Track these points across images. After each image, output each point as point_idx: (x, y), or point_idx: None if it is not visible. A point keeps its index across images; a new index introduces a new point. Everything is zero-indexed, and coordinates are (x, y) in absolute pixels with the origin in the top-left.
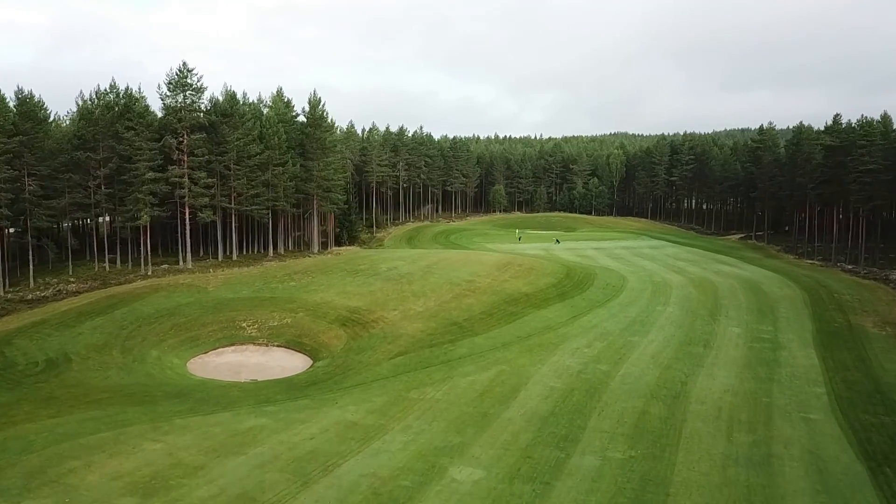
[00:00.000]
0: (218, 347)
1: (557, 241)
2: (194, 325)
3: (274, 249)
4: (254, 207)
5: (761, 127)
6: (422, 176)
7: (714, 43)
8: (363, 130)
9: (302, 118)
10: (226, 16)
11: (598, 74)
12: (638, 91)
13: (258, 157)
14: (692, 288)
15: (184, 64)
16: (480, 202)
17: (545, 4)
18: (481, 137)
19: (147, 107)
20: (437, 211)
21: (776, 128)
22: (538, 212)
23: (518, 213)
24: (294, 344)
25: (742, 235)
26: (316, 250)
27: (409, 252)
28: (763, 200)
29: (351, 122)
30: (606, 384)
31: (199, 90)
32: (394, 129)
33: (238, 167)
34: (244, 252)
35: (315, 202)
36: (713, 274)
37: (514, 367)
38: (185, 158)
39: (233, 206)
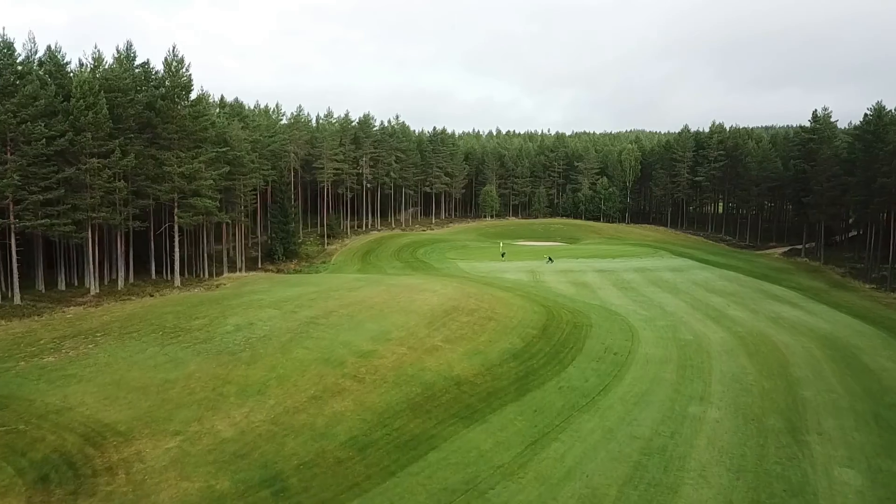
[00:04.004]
0: None
1: (550, 259)
2: None
3: (102, 283)
4: (45, 221)
5: (815, 114)
6: (392, 174)
7: (742, 40)
8: (317, 118)
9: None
10: (249, 16)
11: (621, 74)
12: (662, 91)
13: (54, 142)
14: (744, 357)
15: None
16: (470, 206)
17: (570, 4)
18: (482, 133)
19: None
20: (418, 216)
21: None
22: (536, 217)
23: (513, 219)
24: None
25: (786, 249)
26: (178, 283)
27: (305, 289)
28: (819, 207)
29: (300, 106)
30: None
31: None
32: (385, 120)
33: (14, 158)
34: (58, 286)
35: (175, 211)
36: (770, 323)
37: None
38: None
39: (11, 220)
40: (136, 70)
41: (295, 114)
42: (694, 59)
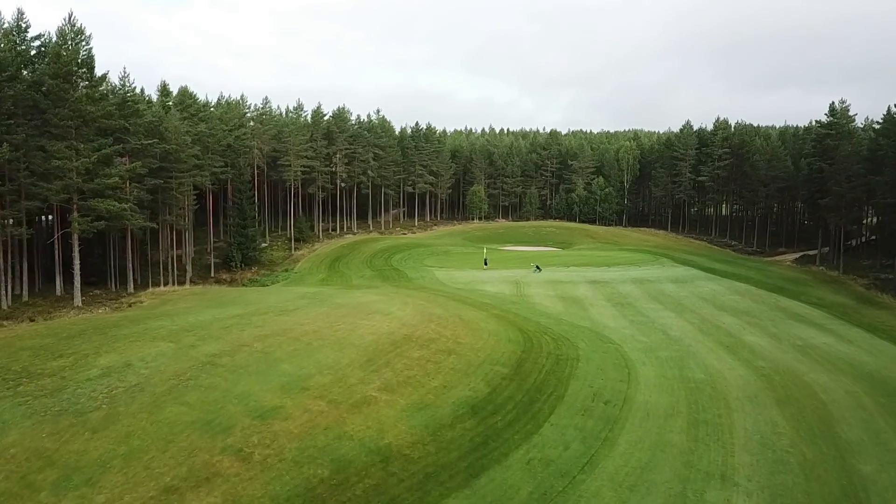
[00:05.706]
0: None
1: (537, 268)
2: None
3: None
4: None
5: (832, 106)
6: (370, 172)
7: (742, 41)
8: (287, 111)
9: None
10: (249, 16)
11: (621, 74)
12: (662, 91)
13: None
14: (773, 408)
15: None
16: (458, 208)
17: (571, 4)
18: (475, 131)
19: None
20: (401, 218)
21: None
22: (528, 219)
23: (502, 221)
24: None
25: (797, 256)
26: (79, 301)
27: (229, 311)
28: (838, 209)
29: (266, 97)
30: None
31: None
32: (369, 115)
33: None
34: None
35: (72, 215)
36: (798, 354)
37: None
38: None
39: None
40: (34, 43)
41: (260, 106)
42: (694, 59)
